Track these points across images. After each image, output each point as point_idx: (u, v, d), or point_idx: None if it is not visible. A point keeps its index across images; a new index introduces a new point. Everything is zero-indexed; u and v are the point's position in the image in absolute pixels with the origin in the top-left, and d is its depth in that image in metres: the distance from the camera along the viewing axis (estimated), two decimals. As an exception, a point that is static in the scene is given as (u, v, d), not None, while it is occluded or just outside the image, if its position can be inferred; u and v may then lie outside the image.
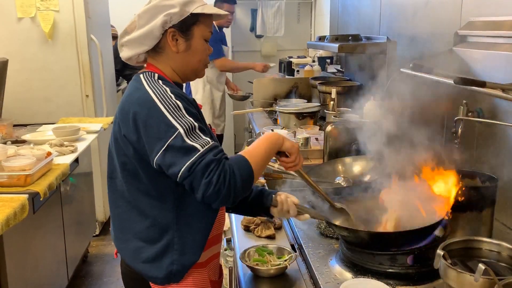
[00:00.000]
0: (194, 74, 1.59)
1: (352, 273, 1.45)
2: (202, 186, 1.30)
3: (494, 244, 1.27)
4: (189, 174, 1.31)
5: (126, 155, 1.45)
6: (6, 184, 2.34)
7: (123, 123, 1.44)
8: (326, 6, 5.07)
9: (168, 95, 1.40)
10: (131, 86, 1.50)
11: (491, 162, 1.83)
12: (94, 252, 3.94)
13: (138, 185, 1.47)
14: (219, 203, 1.34)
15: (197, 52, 1.54)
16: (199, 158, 1.31)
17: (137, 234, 1.50)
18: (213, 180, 1.29)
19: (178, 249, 1.47)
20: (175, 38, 1.49)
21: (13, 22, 3.92)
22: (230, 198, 1.33)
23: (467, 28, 1.98)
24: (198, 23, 1.51)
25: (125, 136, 1.43)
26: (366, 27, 3.34)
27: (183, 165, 1.31)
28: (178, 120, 1.35)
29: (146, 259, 1.48)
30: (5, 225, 2.01)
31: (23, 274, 2.46)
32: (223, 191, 1.30)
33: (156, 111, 1.37)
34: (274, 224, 1.86)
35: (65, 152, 2.93)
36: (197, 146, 1.33)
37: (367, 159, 2.13)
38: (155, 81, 1.45)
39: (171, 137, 1.33)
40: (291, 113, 3.18)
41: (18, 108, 3.77)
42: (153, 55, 1.53)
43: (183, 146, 1.32)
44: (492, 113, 1.80)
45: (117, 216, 1.56)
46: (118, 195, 1.54)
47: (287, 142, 1.50)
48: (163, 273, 1.46)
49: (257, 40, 6.32)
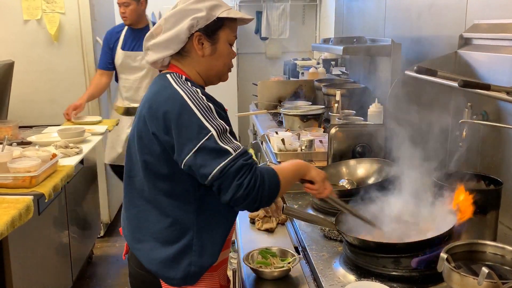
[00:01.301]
0: (218, 78, 1.61)
1: (355, 275, 1.45)
2: (232, 188, 1.33)
3: (498, 248, 1.27)
4: (220, 176, 1.33)
5: (151, 154, 1.45)
6: (11, 185, 2.35)
7: (152, 122, 1.43)
8: (331, 8, 5.07)
9: (199, 96, 1.41)
10: (157, 85, 1.50)
11: (495, 165, 1.83)
12: (98, 254, 3.95)
13: (160, 184, 1.47)
14: (244, 207, 1.37)
15: (222, 56, 1.55)
16: (232, 161, 1.34)
17: (155, 234, 1.50)
18: (244, 183, 1.33)
19: (197, 251, 1.47)
20: (201, 42, 1.51)
21: (19, 24, 3.95)
22: (255, 203, 1.37)
23: (471, 31, 1.98)
24: (224, 27, 1.53)
25: (155, 134, 1.43)
26: (371, 29, 3.33)
27: (216, 167, 1.33)
28: (211, 122, 1.37)
29: (163, 260, 1.48)
30: (10, 226, 2.01)
31: (28, 275, 2.47)
32: (252, 195, 1.34)
33: (188, 111, 1.38)
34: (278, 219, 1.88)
35: (70, 153, 2.94)
36: (229, 149, 1.35)
37: (371, 162, 2.13)
38: (184, 82, 1.46)
39: (204, 139, 1.35)
40: (295, 115, 3.18)
41: (24, 110, 3.79)
42: (178, 58, 1.54)
43: (215, 148, 1.34)
44: (497, 116, 1.80)
45: (134, 216, 1.56)
46: (136, 194, 1.53)
47: (313, 171, 1.54)
48: (180, 274, 1.47)
49: (262, 42, 6.32)
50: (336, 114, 2.95)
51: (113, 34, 3.86)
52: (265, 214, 1.88)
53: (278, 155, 2.58)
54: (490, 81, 1.70)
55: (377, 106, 2.62)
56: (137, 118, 1.52)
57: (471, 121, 1.77)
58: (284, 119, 3.27)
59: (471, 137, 1.83)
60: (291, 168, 1.50)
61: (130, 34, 3.81)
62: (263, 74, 5.80)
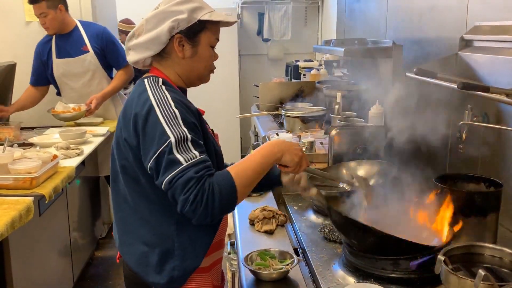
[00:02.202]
0: (198, 80, 1.60)
1: (354, 277, 1.45)
2: (180, 202, 1.32)
3: (496, 250, 1.26)
4: (169, 187, 1.33)
5: (127, 159, 1.46)
6: (12, 186, 2.36)
7: (124, 128, 1.45)
8: (333, 10, 5.07)
9: (168, 102, 1.40)
10: (135, 91, 1.50)
11: (496, 167, 1.82)
12: (100, 255, 3.95)
13: (139, 189, 1.48)
14: (196, 221, 1.34)
15: (203, 59, 1.55)
16: (180, 172, 1.31)
17: (140, 238, 1.51)
18: (190, 198, 1.30)
19: (179, 255, 1.47)
20: (181, 44, 1.50)
21: (21, 25, 3.97)
22: (207, 217, 1.32)
23: (472, 33, 1.98)
24: (205, 30, 1.52)
25: (126, 140, 1.44)
26: (372, 31, 3.33)
27: (166, 177, 1.33)
28: (172, 128, 1.35)
29: (149, 264, 1.48)
30: (10, 227, 2.02)
31: (29, 276, 2.47)
32: (199, 210, 1.30)
33: (153, 116, 1.37)
34: (278, 221, 1.88)
35: (71, 155, 2.95)
36: (181, 159, 1.33)
37: (372, 164, 2.12)
38: (159, 86, 1.45)
39: (163, 145, 1.34)
40: (296, 117, 3.18)
41: (26, 111, 3.80)
42: (158, 60, 1.54)
43: (169, 157, 1.33)
44: (498, 118, 1.80)
45: (121, 220, 1.57)
46: (121, 199, 1.54)
47: (287, 156, 1.46)
48: (165, 279, 1.47)
49: (264, 44, 6.33)
50: (337, 115, 2.94)
51: (44, 45, 3.69)
52: (264, 216, 1.88)
53: (279, 157, 2.57)
54: (491, 83, 1.69)
55: (378, 107, 2.61)
56: (117, 124, 1.53)
57: (471, 123, 1.77)
58: (285, 120, 3.27)
59: (471, 139, 1.82)
60: (259, 160, 1.42)
61: (61, 40, 3.65)
62: (265, 76, 5.82)
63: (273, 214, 1.91)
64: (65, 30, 3.64)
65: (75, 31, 3.67)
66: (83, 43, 3.67)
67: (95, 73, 3.72)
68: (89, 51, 3.68)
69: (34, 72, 3.74)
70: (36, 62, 3.72)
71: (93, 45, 3.68)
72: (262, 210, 1.92)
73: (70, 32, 3.66)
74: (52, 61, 3.67)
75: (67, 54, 3.66)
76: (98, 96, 3.66)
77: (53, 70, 3.69)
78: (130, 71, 3.86)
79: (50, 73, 3.72)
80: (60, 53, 3.66)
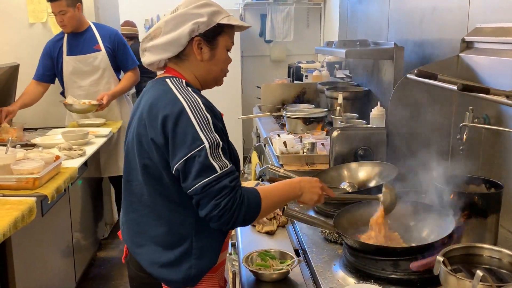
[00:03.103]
0: (214, 82, 1.63)
1: (355, 278, 1.45)
2: (209, 206, 1.36)
3: (494, 251, 1.27)
4: (202, 192, 1.36)
5: (150, 158, 1.46)
6: (14, 187, 2.37)
7: (151, 127, 1.44)
8: (335, 12, 5.07)
9: (200, 106, 1.42)
10: (157, 90, 1.50)
11: (496, 169, 1.82)
12: (102, 255, 3.96)
13: (160, 189, 1.48)
14: (216, 226, 1.40)
15: (220, 62, 1.58)
16: (215, 180, 1.36)
17: (154, 238, 1.51)
18: (221, 204, 1.35)
19: (196, 254, 1.49)
20: (200, 46, 1.52)
21: (25, 27, 3.99)
22: (228, 225, 1.39)
23: (474, 34, 1.98)
24: (223, 33, 1.55)
25: (153, 140, 1.43)
26: (374, 32, 3.34)
27: (199, 182, 1.36)
28: (206, 134, 1.38)
29: (164, 264, 1.49)
30: (13, 228, 2.03)
31: (31, 276, 2.48)
32: (225, 217, 1.36)
33: (186, 119, 1.39)
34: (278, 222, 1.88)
35: (73, 155, 2.96)
36: (216, 167, 1.37)
37: (373, 165, 2.13)
38: (185, 88, 1.47)
39: (196, 149, 1.36)
40: (298, 118, 3.19)
41: (29, 112, 3.81)
42: (176, 61, 1.55)
43: (204, 162, 1.36)
44: (498, 120, 1.80)
45: (133, 220, 1.56)
46: (135, 199, 1.54)
47: (306, 196, 1.55)
48: (181, 277, 1.48)
49: (266, 45, 6.34)
50: (339, 117, 2.95)
51: (55, 43, 3.73)
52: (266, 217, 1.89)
53: (280, 158, 2.58)
54: (492, 84, 1.70)
55: (379, 109, 2.62)
56: (136, 122, 1.52)
57: (472, 124, 1.77)
58: (287, 121, 3.27)
59: (472, 141, 1.83)
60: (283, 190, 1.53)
61: (73, 38, 3.70)
62: (267, 77, 5.82)
63: (274, 215, 1.91)
64: (79, 29, 3.70)
65: (88, 30, 3.73)
66: (95, 42, 3.74)
67: (105, 72, 3.78)
68: (101, 50, 3.74)
69: (40, 68, 3.75)
70: (44, 59, 3.75)
71: (106, 45, 3.75)
72: (263, 211, 1.93)
73: (83, 31, 3.72)
74: (63, 59, 3.72)
75: (78, 51, 3.71)
76: (108, 94, 3.71)
77: (63, 67, 3.73)
78: (138, 73, 3.94)
79: (60, 71, 3.76)
80: (72, 50, 3.71)
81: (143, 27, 6.07)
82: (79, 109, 3.66)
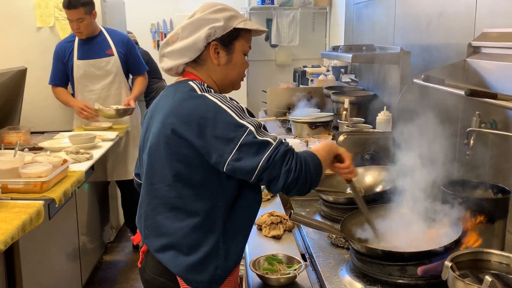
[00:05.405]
0: (232, 87, 1.65)
1: (362, 283, 1.45)
2: (283, 175, 1.38)
3: (503, 256, 1.26)
4: (268, 166, 1.38)
5: (181, 160, 1.46)
6: (22, 190, 2.39)
7: (183, 128, 1.43)
8: (341, 16, 5.08)
9: (230, 99, 1.47)
10: (180, 92, 1.50)
11: (503, 174, 1.82)
12: (108, 259, 3.97)
13: (189, 191, 1.48)
14: (296, 191, 1.42)
15: (236, 66, 1.59)
16: (274, 150, 1.39)
17: (180, 240, 1.50)
18: (292, 167, 1.39)
19: (223, 254, 1.49)
20: (217, 51, 1.54)
21: (32, 31, 4.01)
22: (307, 184, 1.42)
23: (480, 39, 1.98)
24: (240, 37, 1.56)
25: (187, 141, 1.43)
26: (380, 37, 3.34)
27: (261, 158, 1.38)
28: (246, 120, 1.42)
29: (190, 264, 1.48)
30: (21, 231, 2.04)
31: (38, 279, 2.49)
32: (302, 176, 1.40)
33: (223, 113, 1.41)
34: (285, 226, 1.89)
35: (80, 159, 2.97)
36: (269, 140, 1.40)
37: (379, 170, 2.13)
38: (208, 89, 1.50)
39: (243, 135, 1.39)
40: (304, 123, 3.19)
41: (36, 116, 3.84)
42: (194, 66, 1.57)
43: (256, 141, 1.39)
44: (506, 125, 1.80)
45: (156, 223, 1.55)
46: (159, 202, 1.53)
47: (342, 148, 1.62)
48: (207, 278, 1.49)
49: (272, 50, 6.34)
50: (345, 121, 2.95)
51: (65, 46, 3.75)
52: (272, 221, 1.89)
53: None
54: (499, 89, 1.70)
55: (385, 113, 2.62)
56: (160, 126, 1.50)
57: (479, 129, 1.77)
58: (293, 126, 3.28)
59: (479, 146, 1.83)
60: (323, 148, 1.56)
61: (84, 42, 3.72)
62: (272, 81, 5.82)
63: (281, 219, 1.92)
64: (92, 34, 3.74)
65: (100, 35, 3.77)
66: (108, 47, 3.78)
67: (116, 76, 3.81)
68: (113, 55, 3.78)
69: (56, 73, 3.80)
70: (57, 64, 3.79)
71: (118, 50, 3.80)
72: (269, 215, 1.93)
73: (95, 36, 3.75)
74: (73, 63, 3.74)
75: (90, 56, 3.73)
76: (131, 98, 3.79)
77: (73, 71, 3.76)
78: (147, 78, 4.05)
79: (71, 74, 3.79)
80: (83, 55, 3.73)
81: (149, 31, 6.10)
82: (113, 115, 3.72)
